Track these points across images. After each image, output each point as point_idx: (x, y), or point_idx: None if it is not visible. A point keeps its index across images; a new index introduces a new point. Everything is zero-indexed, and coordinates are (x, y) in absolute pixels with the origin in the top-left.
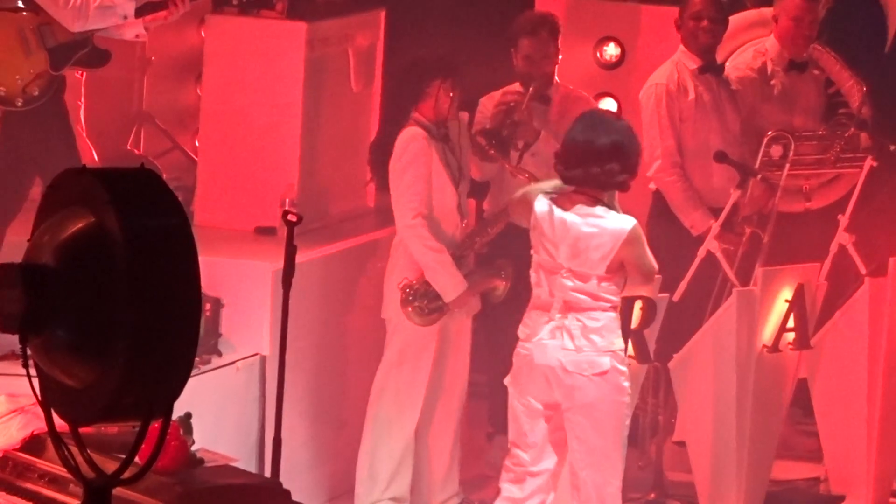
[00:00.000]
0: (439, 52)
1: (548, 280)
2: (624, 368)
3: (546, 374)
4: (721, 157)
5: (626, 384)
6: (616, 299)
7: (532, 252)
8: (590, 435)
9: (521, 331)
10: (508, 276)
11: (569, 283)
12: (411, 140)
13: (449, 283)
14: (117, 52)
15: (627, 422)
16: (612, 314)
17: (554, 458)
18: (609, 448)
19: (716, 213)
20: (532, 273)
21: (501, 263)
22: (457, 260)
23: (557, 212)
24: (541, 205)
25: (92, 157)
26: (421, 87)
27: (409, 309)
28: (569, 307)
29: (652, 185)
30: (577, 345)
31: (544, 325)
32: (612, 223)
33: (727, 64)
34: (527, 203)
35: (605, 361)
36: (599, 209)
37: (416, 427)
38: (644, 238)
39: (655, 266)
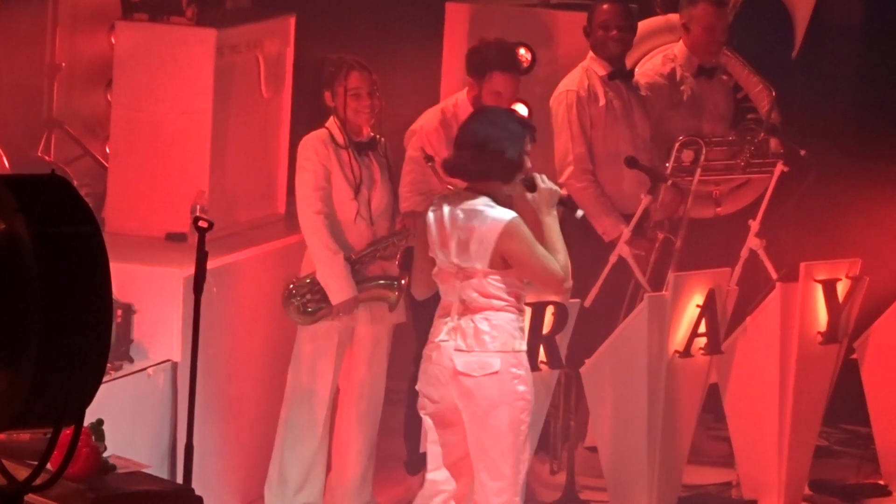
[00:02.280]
0: (341, 58)
1: (445, 282)
2: (520, 372)
3: (440, 374)
4: (632, 162)
5: (522, 388)
6: (511, 298)
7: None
8: (483, 438)
9: (431, 334)
10: (402, 287)
11: (460, 282)
12: (307, 141)
13: (336, 285)
14: (26, 58)
15: (523, 427)
16: (510, 315)
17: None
18: (503, 454)
19: (627, 218)
20: (434, 277)
21: (398, 275)
22: (353, 266)
23: (446, 209)
24: (432, 207)
25: (3, 164)
26: (326, 92)
27: (291, 308)
28: (465, 307)
29: (563, 192)
30: (468, 344)
31: (443, 326)
32: (491, 216)
33: (636, 70)
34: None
35: (496, 362)
36: (482, 202)
37: (333, 433)
38: (528, 235)
39: (553, 266)
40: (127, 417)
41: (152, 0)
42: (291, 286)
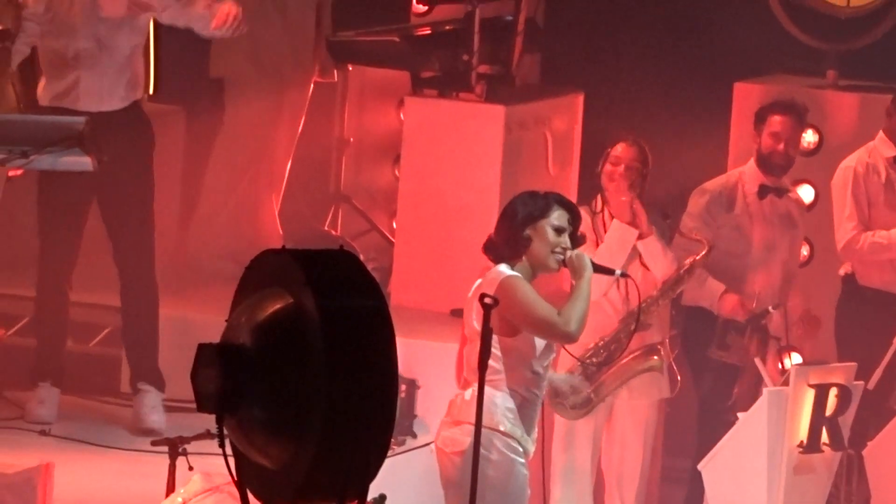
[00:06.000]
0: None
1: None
2: (508, 453)
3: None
4: None
5: (491, 472)
6: (502, 372)
7: None
8: None
9: None
10: (660, 351)
11: (469, 350)
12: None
13: None
14: (315, 133)
15: None
16: (499, 392)
17: None
18: None
19: None
20: None
21: (658, 342)
22: (609, 347)
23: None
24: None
25: (277, 231)
26: None
27: (561, 406)
28: (466, 380)
29: (842, 271)
30: (453, 416)
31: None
32: (493, 274)
33: None
34: None
35: (467, 440)
36: (500, 266)
37: None
38: (524, 288)
39: (548, 313)
40: (409, 493)
41: (441, 76)
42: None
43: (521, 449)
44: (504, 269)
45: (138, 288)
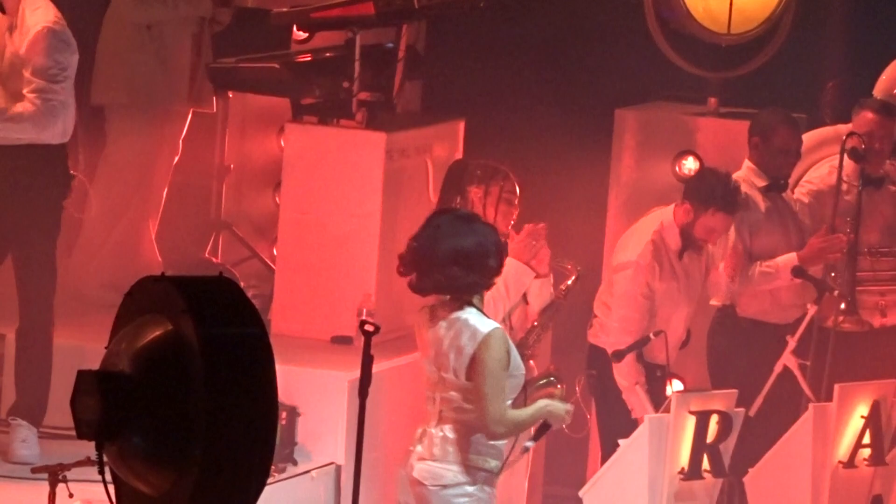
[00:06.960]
0: (486, 162)
1: (427, 390)
2: (471, 490)
3: (406, 482)
4: (798, 272)
5: None
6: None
7: None
8: None
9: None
10: (561, 379)
11: (440, 392)
12: None
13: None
14: (195, 160)
15: None
16: (481, 433)
17: None
18: None
19: (785, 328)
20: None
21: (551, 370)
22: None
23: (430, 319)
24: (421, 316)
25: (157, 260)
26: (458, 194)
27: None
28: (441, 418)
29: (714, 302)
30: (431, 452)
31: (417, 435)
32: (474, 327)
33: (803, 179)
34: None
35: (449, 475)
36: (469, 313)
37: None
38: (500, 363)
39: (497, 406)
40: None
41: (322, 103)
42: None
43: (494, 480)
44: (482, 322)
45: (37, 326)
